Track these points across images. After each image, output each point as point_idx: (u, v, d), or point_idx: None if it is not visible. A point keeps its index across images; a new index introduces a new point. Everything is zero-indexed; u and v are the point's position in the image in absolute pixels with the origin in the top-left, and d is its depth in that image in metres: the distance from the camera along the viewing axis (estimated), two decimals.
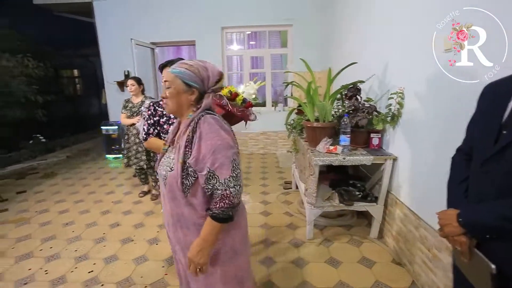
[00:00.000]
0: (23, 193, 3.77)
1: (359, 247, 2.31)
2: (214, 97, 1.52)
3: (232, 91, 1.66)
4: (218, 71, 1.11)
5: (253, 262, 2.16)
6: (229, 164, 0.99)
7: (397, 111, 2.09)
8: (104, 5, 5.29)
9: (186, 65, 1.07)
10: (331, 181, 2.71)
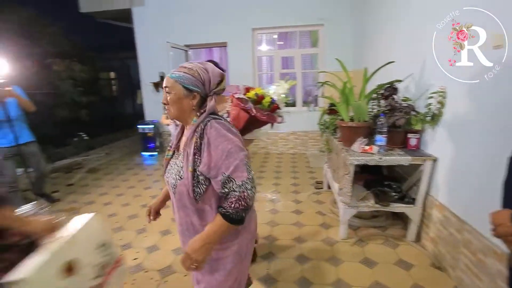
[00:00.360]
0: (72, 185, 4.12)
1: (395, 249, 2.27)
2: (239, 101, 1.53)
3: (259, 94, 1.62)
4: (219, 72, 1.08)
5: (286, 259, 2.21)
6: (244, 166, 0.97)
7: (438, 111, 2.03)
8: (142, 11, 5.61)
9: (185, 68, 1.04)
10: (366, 182, 2.68)
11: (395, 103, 2.29)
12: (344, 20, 4.89)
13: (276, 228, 2.67)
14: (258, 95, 1.61)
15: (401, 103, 2.30)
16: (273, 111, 1.66)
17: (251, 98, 1.58)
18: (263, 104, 1.60)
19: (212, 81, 1.05)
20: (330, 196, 3.25)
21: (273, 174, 4.21)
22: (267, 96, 1.63)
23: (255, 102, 1.58)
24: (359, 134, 2.36)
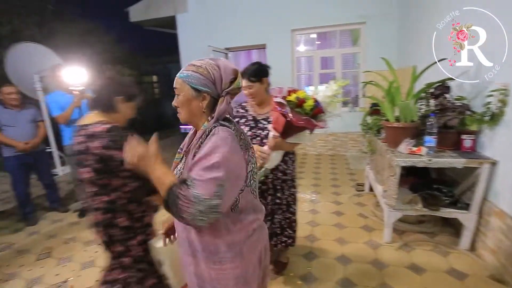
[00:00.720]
0: None
1: (445, 256, 2.15)
2: (277, 104, 1.45)
3: (300, 97, 1.51)
4: (232, 69, 0.94)
5: (328, 259, 2.20)
6: (212, 185, 0.80)
7: (499, 110, 1.89)
8: (185, 17, 5.92)
9: (193, 67, 0.93)
10: (412, 185, 2.57)
11: (447, 103, 2.17)
12: (389, 16, 4.70)
13: (317, 228, 2.67)
14: (299, 99, 1.51)
15: (453, 102, 2.17)
16: (315, 116, 1.55)
17: (292, 102, 1.51)
18: (305, 108, 1.50)
19: (224, 80, 0.92)
20: (372, 199, 3.16)
21: (312, 175, 4.19)
22: (310, 100, 1.52)
23: (296, 106, 1.50)
24: (406, 135, 2.28)
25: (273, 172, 1.81)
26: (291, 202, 1.93)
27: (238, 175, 0.88)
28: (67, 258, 2.41)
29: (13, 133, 2.91)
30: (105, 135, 1.17)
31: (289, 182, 1.89)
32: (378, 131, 2.85)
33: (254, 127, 1.82)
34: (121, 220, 1.26)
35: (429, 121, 2.10)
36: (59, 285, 2.07)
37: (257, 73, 1.75)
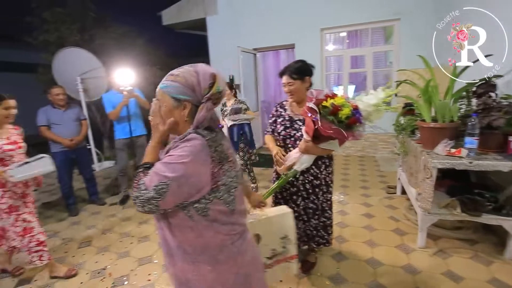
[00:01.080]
0: None
1: (487, 266, 2.01)
2: (308, 110, 1.39)
3: (336, 104, 1.42)
4: (210, 73, 0.92)
5: (357, 261, 2.16)
6: (155, 180, 0.82)
7: None
8: (215, 19, 6.06)
9: (172, 76, 0.93)
10: (449, 188, 2.43)
11: (492, 102, 2.03)
12: (425, 11, 4.47)
13: (346, 230, 2.62)
14: (333, 105, 1.42)
15: (499, 102, 2.03)
16: (350, 126, 1.45)
17: (326, 108, 1.43)
18: (340, 116, 1.41)
19: (203, 85, 0.90)
20: (405, 202, 3.04)
21: (340, 176, 4.10)
22: (347, 108, 1.42)
23: (330, 113, 1.42)
24: (443, 136, 2.16)
25: (303, 174, 1.80)
26: (326, 208, 1.92)
27: (192, 183, 0.85)
28: (105, 247, 2.58)
29: (60, 131, 3.17)
30: None
31: (323, 188, 1.85)
32: (412, 131, 2.73)
33: (289, 127, 1.81)
34: None
35: (470, 121, 1.98)
36: (99, 272, 2.22)
37: (299, 71, 1.73)
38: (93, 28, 6.29)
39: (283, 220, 1.57)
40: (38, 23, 5.76)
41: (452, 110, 2.13)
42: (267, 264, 1.55)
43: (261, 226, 1.49)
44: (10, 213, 1.96)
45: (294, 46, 5.47)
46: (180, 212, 0.89)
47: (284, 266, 1.61)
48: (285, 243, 1.58)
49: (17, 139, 2.04)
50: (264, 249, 1.52)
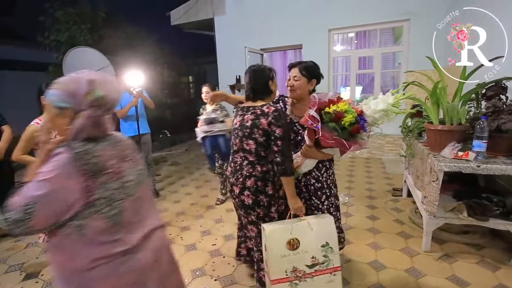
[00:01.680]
0: (158, 175, 4.73)
1: (494, 272, 1.97)
2: (309, 117, 1.35)
3: (338, 110, 1.37)
4: (87, 80, 0.89)
5: (360, 263, 2.14)
6: (27, 199, 0.79)
7: None
8: (223, 19, 6.10)
9: (55, 84, 0.89)
10: (456, 192, 2.40)
11: (502, 105, 1.99)
12: (435, 12, 4.39)
13: (349, 232, 2.60)
14: (336, 112, 1.37)
15: (510, 104, 1.99)
16: (353, 134, 1.40)
17: (329, 115, 1.38)
18: (343, 123, 1.37)
19: (82, 91, 0.87)
20: (410, 205, 3.00)
21: (346, 178, 4.08)
22: (350, 114, 1.37)
23: (332, 120, 1.37)
24: (451, 139, 2.13)
25: (306, 176, 1.79)
26: (333, 212, 1.86)
27: (61, 199, 0.82)
28: None
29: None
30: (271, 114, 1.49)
31: (326, 191, 1.81)
32: (420, 134, 2.70)
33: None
34: (270, 188, 1.57)
35: (479, 124, 1.94)
36: None
37: (311, 70, 1.71)
38: (102, 28, 6.38)
39: (323, 226, 1.53)
40: (49, 22, 5.88)
41: (461, 113, 2.10)
42: (307, 273, 1.49)
43: (299, 231, 1.48)
44: None
45: (302, 46, 5.46)
46: (58, 231, 0.84)
47: (326, 278, 1.52)
48: (326, 252, 1.51)
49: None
50: (303, 256, 1.49)
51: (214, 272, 2.13)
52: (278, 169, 1.49)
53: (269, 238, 1.45)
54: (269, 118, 1.50)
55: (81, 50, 4.99)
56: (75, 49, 4.92)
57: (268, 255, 1.46)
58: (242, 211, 1.69)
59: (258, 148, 1.55)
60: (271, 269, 1.46)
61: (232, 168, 1.68)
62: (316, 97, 1.47)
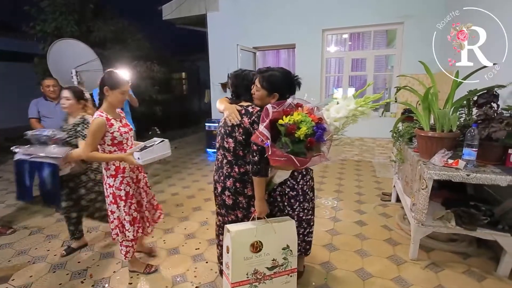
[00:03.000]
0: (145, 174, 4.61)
1: (480, 282, 1.95)
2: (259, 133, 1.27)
3: (291, 123, 1.26)
4: None
5: (346, 271, 2.09)
6: None
7: None
8: (216, 16, 5.97)
9: None
10: (445, 200, 2.37)
11: (493, 113, 1.96)
12: (430, 15, 4.38)
13: (337, 237, 2.55)
14: (288, 125, 1.26)
15: (501, 113, 1.96)
16: (309, 148, 1.30)
17: (282, 127, 1.28)
18: (297, 135, 1.27)
19: None
20: (399, 210, 2.97)
21: (335, 181, 4.04)
22: (304, 126, 1.26)
23: (285, 134, 1.28)
24: (442, 146, 2.09)
25: (281, 186, 1.71)
26: (302, 217, 1.79)
27: None
28: (89, 246, 2.50)
29: (49, 124, 3.05)
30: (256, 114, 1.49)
31: (300, 197, 1.74)
32: (410, 139, 2.66)
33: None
34: (249, 190, 1.57)
35: (470, 132, 1.90)
36: (79, 272, 2.15)
37: (272, 83, 1.53)
38: (91, 20, 6.18)
39: (285, 229, 1.56)
40: (35, 12, 5.66)
41: (452, 120, 2.06)
42: (266, 275, 1.52)
43: (263, 233, 1.49)
44: (126, 200, 1.93)
45: (295, 46, 5.39)
46: None
47: (283, 279, 1.58)
48: (286, 254, 1.56)
49: (127, 122, 2.05)
50: (265, 259, 1.51)
51: (195, 279, 2.05)
52: (253, 168, 1.48)
53: (234, 240, 1.43)
54: (253, 117, 1.51)
55: (67, 42, 4.81)
56: (60, 41, 4.74)
57: (231, 257, 1.44)
58: (223, 210, 1.73)
59: (237, 147, 1.56)
60: (233, 272, 1.45)
61: (216, 165, 1.74)
62: (270, 109, 1.35)
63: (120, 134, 1.88)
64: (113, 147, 1.89)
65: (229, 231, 1.46)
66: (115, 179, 1.90)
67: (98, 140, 1.82)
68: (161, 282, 2.03)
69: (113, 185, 1.90)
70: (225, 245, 1.52)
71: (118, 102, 1.91)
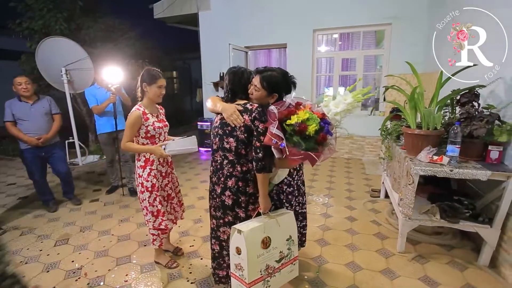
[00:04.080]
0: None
1: (462, 271, 2.05)
2: (272, 135, 1.29)
3: (301, 122, 1.30)
4: None
5: (337, 264, 2.16)
6: None
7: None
8: (208, 15, 5.98)
9: None
10: (430, 195, 2.47)
11: (475, 111, 2.06)
12: (417, 17, 4.51)
13: (328, 233, 2.63)
14: (299, 125, 1.29)
15: (482, 111, 2.06)
16: (321, 143, 1.34)
17: (291, 126, 1.31)
18: (307, 133, 1.30)
19: None
20: (387, 206, 3.07)
21: (326, 178, 4.13)
22: (313, 123, 1.29)
23: (296, 133, 1.31)
24: (427, 143, 2.19)
25: (278, 184, 1.76)
26: (298, 210, 1.88)
27: None
28: (82, 246, 2.50)
29: (26, 127, 2.92)
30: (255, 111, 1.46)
31: (295, 192, 1.81)
32: (398, 137, 2.76)
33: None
34: (250, 188, 1.57)
35: (453, 129, 2.00)
36: (74, 271, 2.15)
37: (272, 84, 1.54)
38: (80, 17, 6.09)
39: (287, 221, 1.60)
40: (22, 9, 5.54)
41: (436, 118, 2.15)
42: (276, 268, 1.55)
43: (270, 229, 1.51)
44: (151, 192, 2.00)
45: (286, 46, 5.45)
46: None
47: (289, 269, 1.63)
48: (289, 244, 1.60)
49: (164, 118, 2.17)
50: (274, 252, 1.53)
51: (190, 275, 2.09)
52: (258, 165, 1.46)
53: (248, 240, 1.42)
54: (253, 114, 1.47)
55: (56, 41, 4.74)
56: (49, 39, 4.66)
57: (245, 257, 1.43)
58: (220, 212, 1.68)
59: (238, 146, 1.52)
60: (249, 272, 1.44)
61: (213, 167, 1.67)
62: (274, 110, 1.38)
63: (153, 128, 1.98)
64: (146, 139, 2.00)
65: (240, 232, 1.42)
66: (143, 170, 2.01)
67: (135, 132, 1.94)
68: (156, 278, 2.06)
69: (142, 175, 2.01)
70: (233, 247, 1.49)
71: (156, 96, 2.02)
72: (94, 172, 4.67)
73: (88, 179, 4.33)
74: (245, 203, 1.61)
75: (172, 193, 2.20)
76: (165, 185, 2.13)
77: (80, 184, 4.08)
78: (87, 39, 5.98)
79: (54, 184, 3.74)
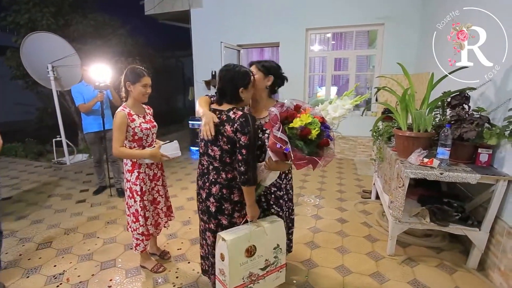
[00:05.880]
0: None
1: (451, 274, 2.04)
2: (276, 139, 1.23)
3: (304, 126, 1.27)
4: None
5: (327, 268, 2.14)
6: None
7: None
8: (200, 12, 5.89)
9: None
10: (420, 197, 2.46)
11: (465, 114, 2.05)
12: (410, 18, 4.51)
13: (318, 235, 2.60)
14: (302, 129, 1.26)
15: (472, 114, 2.05)
16: (322, 147, 1.32)
17: (294, 130, 1.28)
18: (310, 137, 1.28)
19: None
20: (378, 208, 3.06)
21: (318, 179, 4.10)
22: (315, 127, 1.28)
23: (299, 137, 1.28)
24: (418, 145, 2.17)
25: (267, 187, 1.69)
26: (289, 216, 1.85)
27: None
28: (66, 249, 2.42)
29: None
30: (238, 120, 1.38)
31: (285, 197, 1.76)
32: (389, 138, 2.74)
33: None
34: (235, 195, 1.51)
35: (443, 132, 1.99)
36: (56, 276, 2.07)
37: (269, 67, 1.61)
38: (69, 13, 5.93)
39: (275, 229, 1.57)
40: (7, 2, 5.37)
41: (427, 120, 2.13)
42: (260, 275, 1.53)
43: (256, 237, 1.48)
44: (141, 196, 1.95)
45: (279, 44, 5.40)
46: None
47: (274, 276, 1.61)
48: (276, 253, 1.58)
49: (151, 118, 2.08)
50: (259, 261, 1.51)
51: (177, 280, 2.03)
52: (241, 179, 1.41)
53: (230, 249, 1.40)
54: (235, 125, 1.38)
55: (42, 36, 4.60)
56: (34, 34, 4.53)
57: (227, 265, 1.42)
58: (205, 217, 1.63)
59: (223, 155, 1.47)
60: (230, 279, 1.43)
61: (200, 170, 1.64)
62: (275, 111, 1.34)
63: (141, 130, 1.90)
64: (133, 142, 1.91)
65: (224, 240, 1.41)
66: (131, 174, 1.94)
67: (124, 134, 1.85)
68: (141, 284, 2.00)
69: (130, 180, 1.94)
70: (218, 252, 1.48)
71: (141, 96, 1.92)
72: (82, 172, 4.56)
73: (76, 179, 4.22)
74: (230, 210, 1.54)
75: (158, 197, 2.13)
76: (151, 188, 2.06)
77: (67, 184, 3.97)
78: (76, 36, 5.84)
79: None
